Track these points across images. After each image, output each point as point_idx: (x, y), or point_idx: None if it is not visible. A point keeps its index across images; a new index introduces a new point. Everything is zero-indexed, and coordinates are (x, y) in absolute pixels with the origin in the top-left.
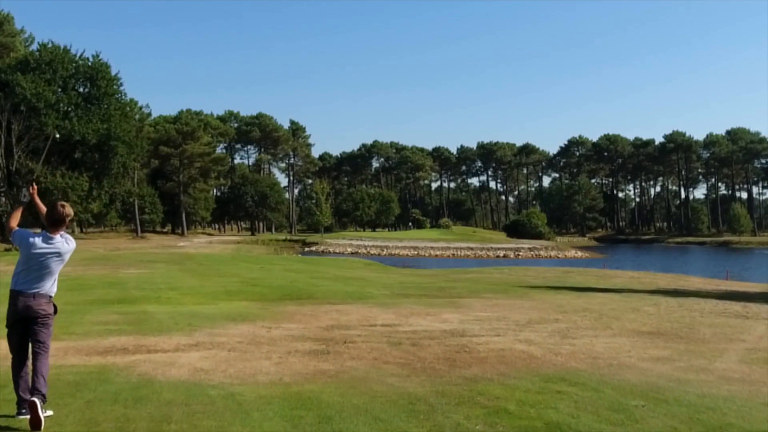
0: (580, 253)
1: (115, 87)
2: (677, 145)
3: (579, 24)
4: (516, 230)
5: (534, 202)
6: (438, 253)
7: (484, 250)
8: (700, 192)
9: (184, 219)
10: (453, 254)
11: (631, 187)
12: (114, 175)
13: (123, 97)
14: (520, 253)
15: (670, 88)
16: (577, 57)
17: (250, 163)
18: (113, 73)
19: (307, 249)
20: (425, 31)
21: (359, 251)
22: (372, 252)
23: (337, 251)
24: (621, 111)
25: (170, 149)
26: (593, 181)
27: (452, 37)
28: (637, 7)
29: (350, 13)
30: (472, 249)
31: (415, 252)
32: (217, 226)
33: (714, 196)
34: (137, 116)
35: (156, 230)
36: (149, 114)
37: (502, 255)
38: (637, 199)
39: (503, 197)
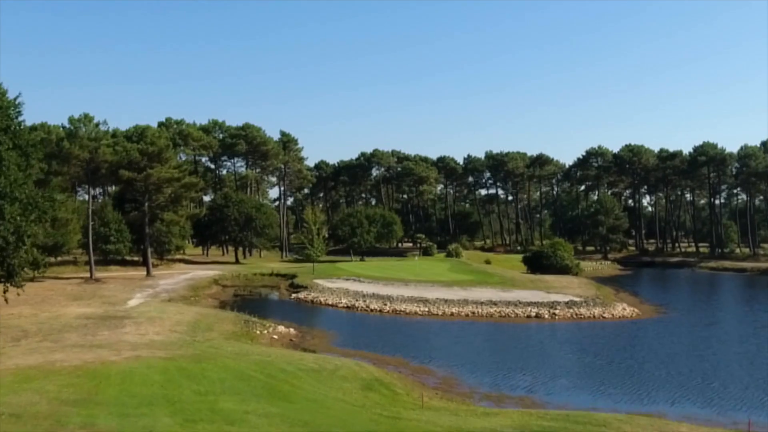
0: (628, 310)
1: (10, 119)
2: (709, 158)
3: (598, 29)
4: (539, 263)
5: (544, 211)
6: (454, 310)
7: (510, 305)
8: (719, 200)
9: (149, 255)
10: (472, 312)
11: (646, 200)
12: (3, 247)
13: (22, 132)
14: (557, 312)
15: (695, 100)
16: (588, 58)
17: (239, 176)
18: (11, 98)
19: (294, 295)
20: (426, 36)
21: (356, 304)
22: (372, 307)
23: (330, 302)
24: (641, 123)
25: (132, 173)
26: (610, 192)
27: (456, 43)
28: (666, 14)
29: (350, 18)
30: (495, 304)
31: (426, 309)
32: (202, 245)
33: (749, 212)
34: (92, 134)
35: (125, 259)
36: (106, 132)
37: (534, 314)
38: (662, 215)
39: (513, 205)
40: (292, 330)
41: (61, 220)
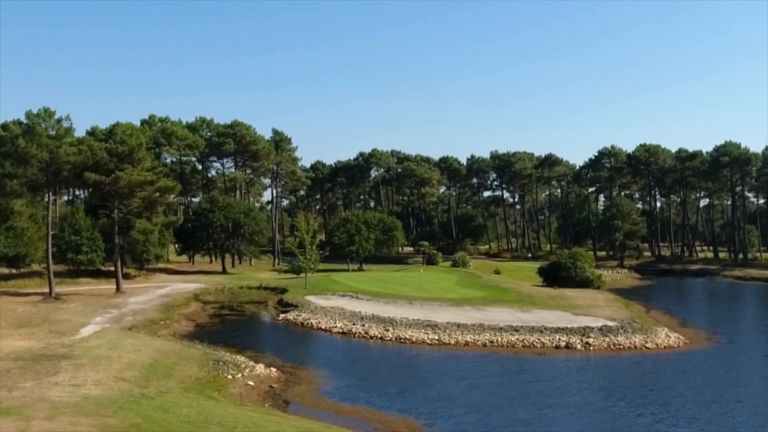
0: (673, 338)
1: None
2: (732, 158)
3: (613, 29)
4: (556, 276)
5: (551, 214)
6: (468, 338)
7: (534, 333)
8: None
9: (119, 268)
10: (490, 341)
11: (658, 203)
12: None
13: None
14: (591, 341)
15: (711, 99)
16: (599, 56)
17: (228, 178)
18: None
19: (282, 315)
20: (429, 33)
21: (353, 329)
22: (372, 333)
23: (323, 326)
24: (655, 123)
25: (99, 176)
26: (622, 195)
27: (458, 42)
28: (680, 15)
29: (346, 15)
30: (516, 331)
31: (435, 337)
32: (186, 254)
33: None
34: (53, 131)
35: (100, 269)
36: (69, 128)
37: (563, 344)
38: (675, 219)
39: (518, 208)
40: (273, 371)
41: (17, 229)
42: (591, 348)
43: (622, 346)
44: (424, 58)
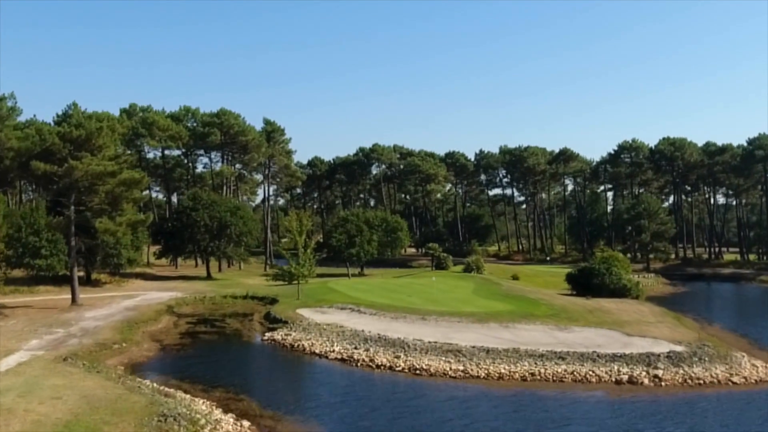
0: (760, 368)
1: None
2: None
3: (635, 22)
4: (588, 283)
5: (561, 213)
6: (502, 369)
7: (586, 361)
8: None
9: (75, 276)
10: (530, 373)
11: (672, 200)
12: None
13: None
14: (660, 373)
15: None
16: (618, 49)
17: (216, 173)
18: None
19: (269, 334)
20: (433, 24)
21: (355, 355)
22: (379, 361)
23: (317, 350)
24: (675, 118)
25: (50, 166)
26: (641, 190)
27: (461, 38)
28: (707, 10)
29: (348, 12)
30: (562, 359)
31: (460, 367)
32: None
33: None
34: None
35: (66, 274)
36: (14, 109)
37: (625, 378)
38: (695, 219)
39: (529, 206)
40: (245, 426)
41: None
42: (662, 383)
43: (702, 381)
44: (427, 58)
